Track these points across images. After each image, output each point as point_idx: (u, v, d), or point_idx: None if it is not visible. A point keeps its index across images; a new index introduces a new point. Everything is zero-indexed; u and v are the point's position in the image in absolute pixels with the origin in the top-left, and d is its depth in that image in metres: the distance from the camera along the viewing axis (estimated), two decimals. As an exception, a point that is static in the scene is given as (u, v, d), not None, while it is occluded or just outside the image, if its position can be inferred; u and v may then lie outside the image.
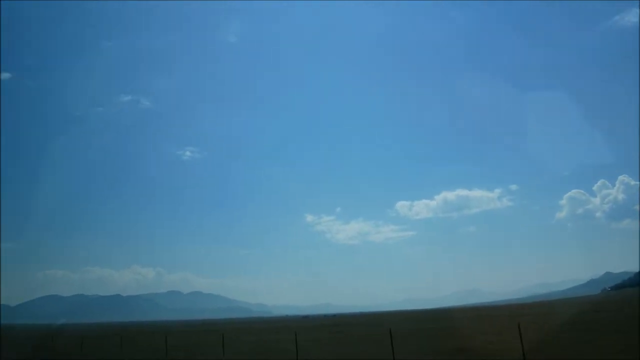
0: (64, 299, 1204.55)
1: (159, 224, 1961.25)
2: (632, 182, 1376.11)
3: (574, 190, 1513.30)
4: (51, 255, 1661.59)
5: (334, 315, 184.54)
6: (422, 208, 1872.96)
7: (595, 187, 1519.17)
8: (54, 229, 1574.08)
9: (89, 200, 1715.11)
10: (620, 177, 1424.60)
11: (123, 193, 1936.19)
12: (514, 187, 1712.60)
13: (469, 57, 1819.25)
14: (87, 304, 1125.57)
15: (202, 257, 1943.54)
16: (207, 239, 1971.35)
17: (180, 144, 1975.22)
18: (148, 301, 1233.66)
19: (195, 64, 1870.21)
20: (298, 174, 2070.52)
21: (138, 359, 36.37)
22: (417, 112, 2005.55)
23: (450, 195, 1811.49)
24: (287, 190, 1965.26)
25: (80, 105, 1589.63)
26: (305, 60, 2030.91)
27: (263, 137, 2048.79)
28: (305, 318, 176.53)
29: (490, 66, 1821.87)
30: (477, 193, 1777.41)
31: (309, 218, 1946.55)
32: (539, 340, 28.15)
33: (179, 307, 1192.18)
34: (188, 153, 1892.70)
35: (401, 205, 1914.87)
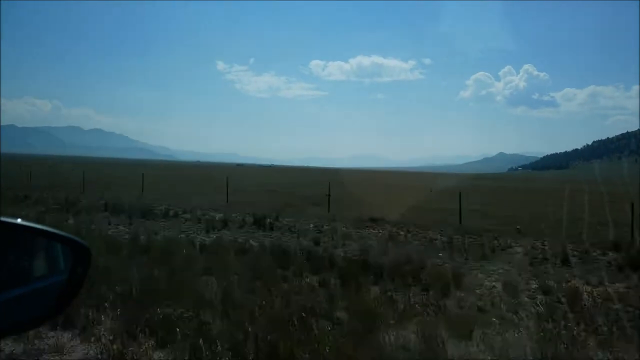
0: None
1: (58, 55, 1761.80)
2: (535, 73, 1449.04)
3: (480, 72, 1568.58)
4: None
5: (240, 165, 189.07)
6: (336, 69, 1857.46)
7: (501, 73, 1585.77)
8: None
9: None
10: (525, 66, 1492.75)
11: (21, 18, 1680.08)
12: (427, 61, 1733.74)
13: None
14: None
15: (104, 94, 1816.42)
16: (111, 76, 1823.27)
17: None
18: (46, 134, 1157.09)
19: None
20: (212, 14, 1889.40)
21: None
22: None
23: (365, 60, 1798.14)
24: (199, 33, 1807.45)
25: None
26: None
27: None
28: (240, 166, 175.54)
29: None
30: (391, 62, 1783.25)
31: (220, 66, 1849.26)
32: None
33: (79, 143, 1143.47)
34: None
35: (315, 65, 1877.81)
